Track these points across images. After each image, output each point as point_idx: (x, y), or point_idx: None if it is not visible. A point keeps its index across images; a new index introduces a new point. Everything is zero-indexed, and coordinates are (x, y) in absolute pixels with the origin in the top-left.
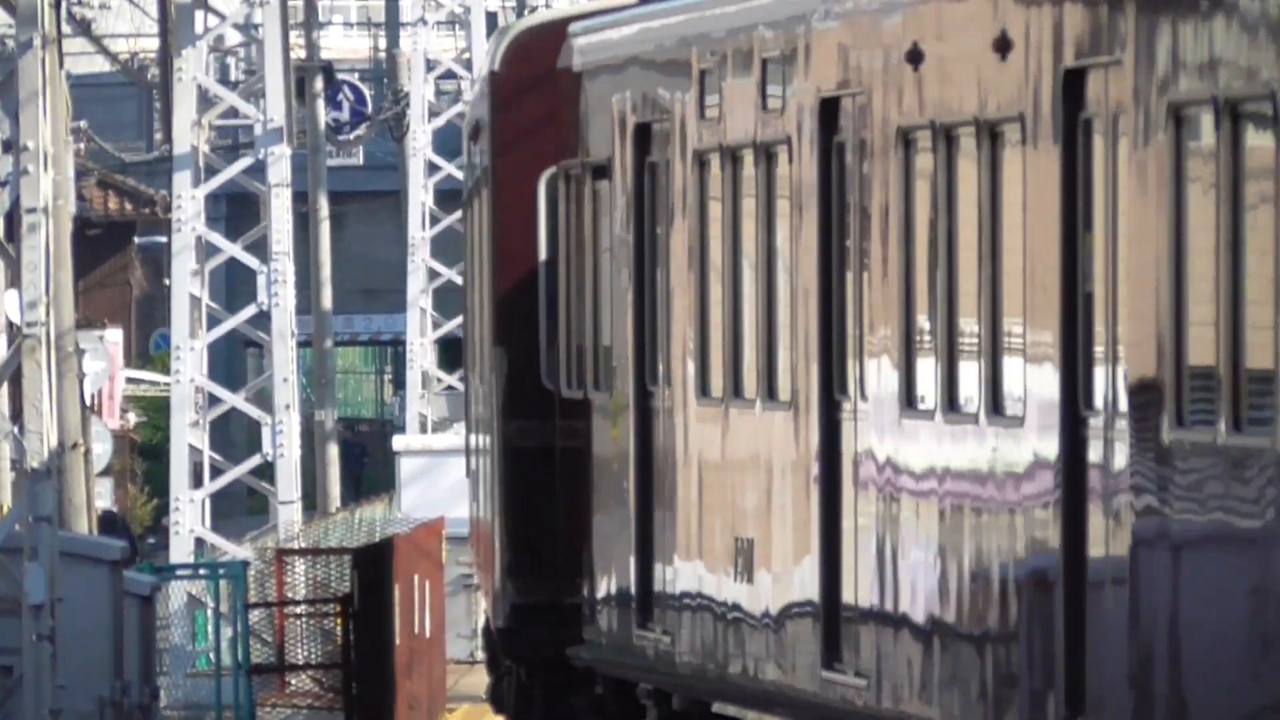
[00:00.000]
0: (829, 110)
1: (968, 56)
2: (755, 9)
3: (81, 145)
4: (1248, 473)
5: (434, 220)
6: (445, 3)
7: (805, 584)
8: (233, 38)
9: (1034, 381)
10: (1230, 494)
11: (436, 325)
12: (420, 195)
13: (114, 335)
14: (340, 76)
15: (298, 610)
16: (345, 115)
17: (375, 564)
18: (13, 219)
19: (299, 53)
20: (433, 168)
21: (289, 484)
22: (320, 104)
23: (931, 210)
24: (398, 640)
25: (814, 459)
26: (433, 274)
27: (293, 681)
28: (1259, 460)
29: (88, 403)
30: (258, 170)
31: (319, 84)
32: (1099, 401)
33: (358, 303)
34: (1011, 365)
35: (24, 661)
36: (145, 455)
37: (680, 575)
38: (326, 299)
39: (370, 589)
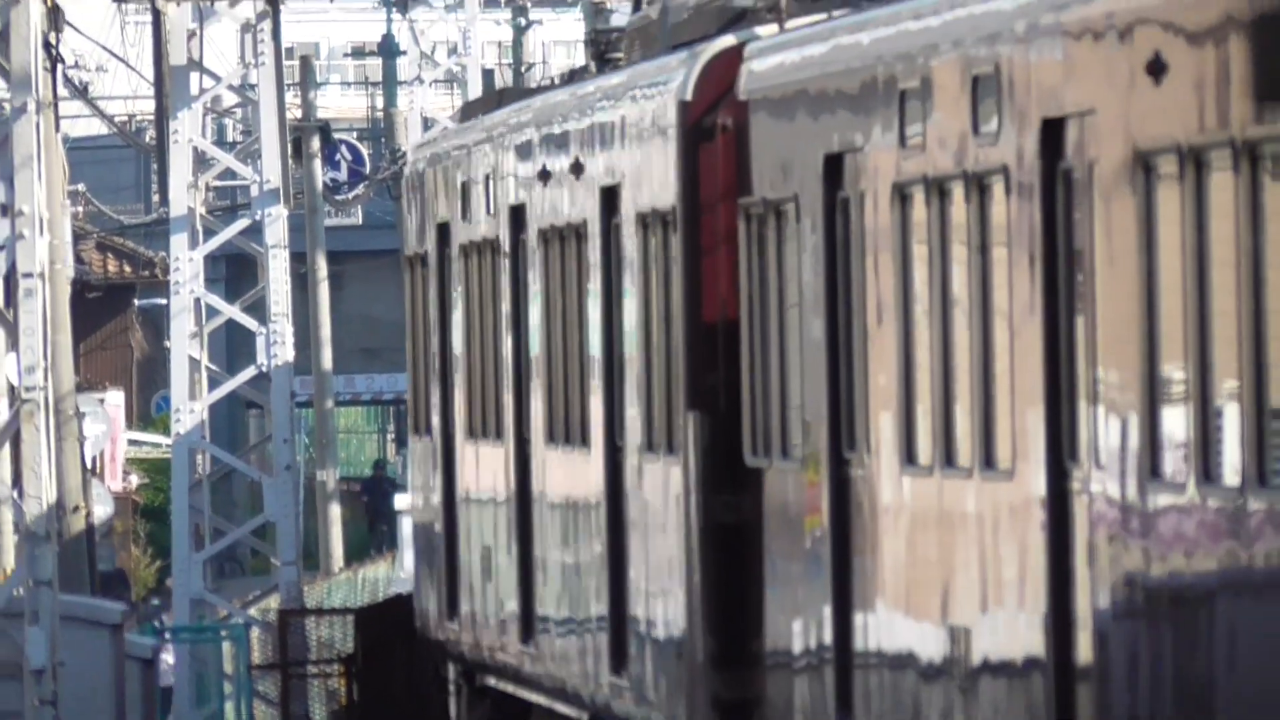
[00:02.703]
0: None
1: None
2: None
3: (79, 208)
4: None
5: None
6: (441, 61)
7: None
8: (229, 99)
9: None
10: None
11: None
12: None
13: (115, 397)
14: (337, 136)
15: (302, 671)
16: (343, 175)
17: (379, 623)
18: (10, 284)
19: (295, 113)
20: None
21: (290, 545)
22: (317, 164)
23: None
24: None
25: None
26: None
27: None
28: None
29: (89, 465)
30: (255, 231)
31: (315, 144)
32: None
33: (358, 362)
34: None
35: None
36: (147, 517)
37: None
38: (326, 359)
39: (374, 648)
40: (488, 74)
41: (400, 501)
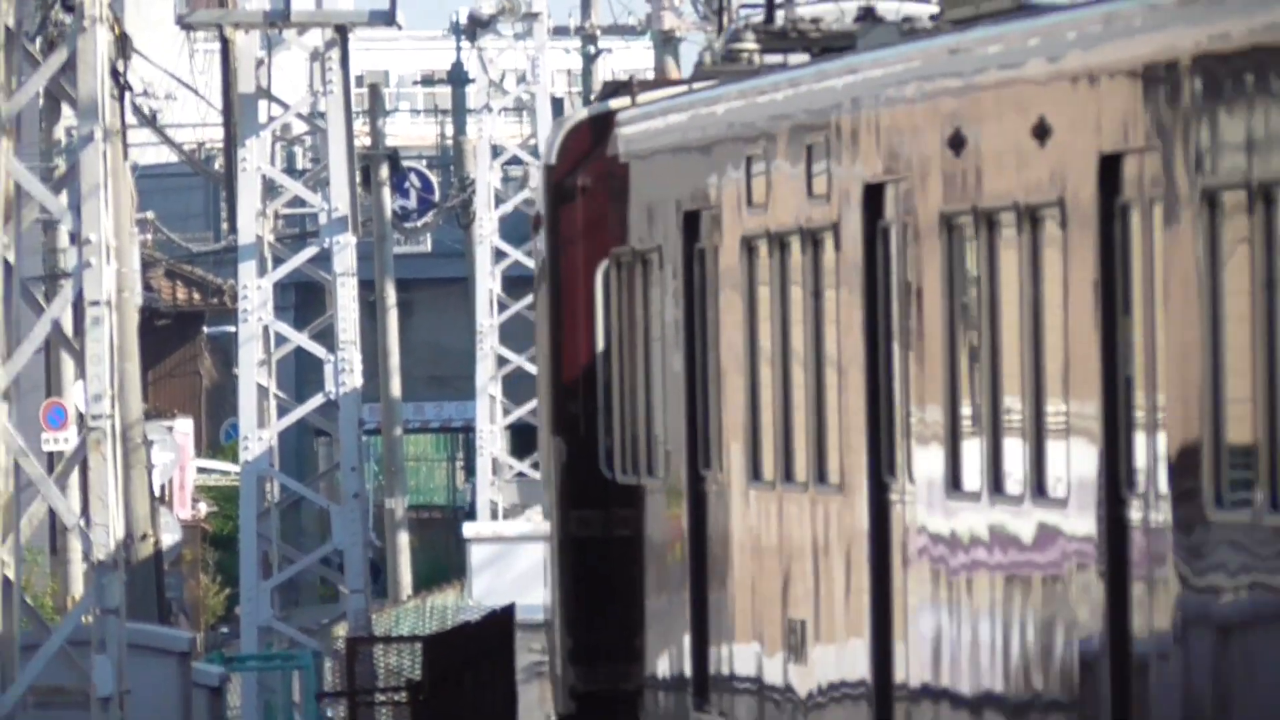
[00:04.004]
0: None
1: None
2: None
3: (149, 236)
4: None
5: (502, 307)
6: (510, 90)
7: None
8: (299, 126)
9: None
10: None
11: (506, 412)
12: (488, 282)
13: (184, 425)
14: (407, 164)
15: (370, 699)
16: (412, 202)
17: (447, 651)
18: (77, 312)
19: (365, 140)
20: (500, 254)
21: (357, 573)
22: (386, 192)
23: None
24: None
25: None
26: (501, 360)
27: None
28: None
29: (157, 493)
30: (324, 259)
31: (384, 172)
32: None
33: (428, 390)
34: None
35: None
36: (217, 545)
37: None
38: (395, 387)
39: (442, 676)
40: (557, 102)
41: (469, 530)
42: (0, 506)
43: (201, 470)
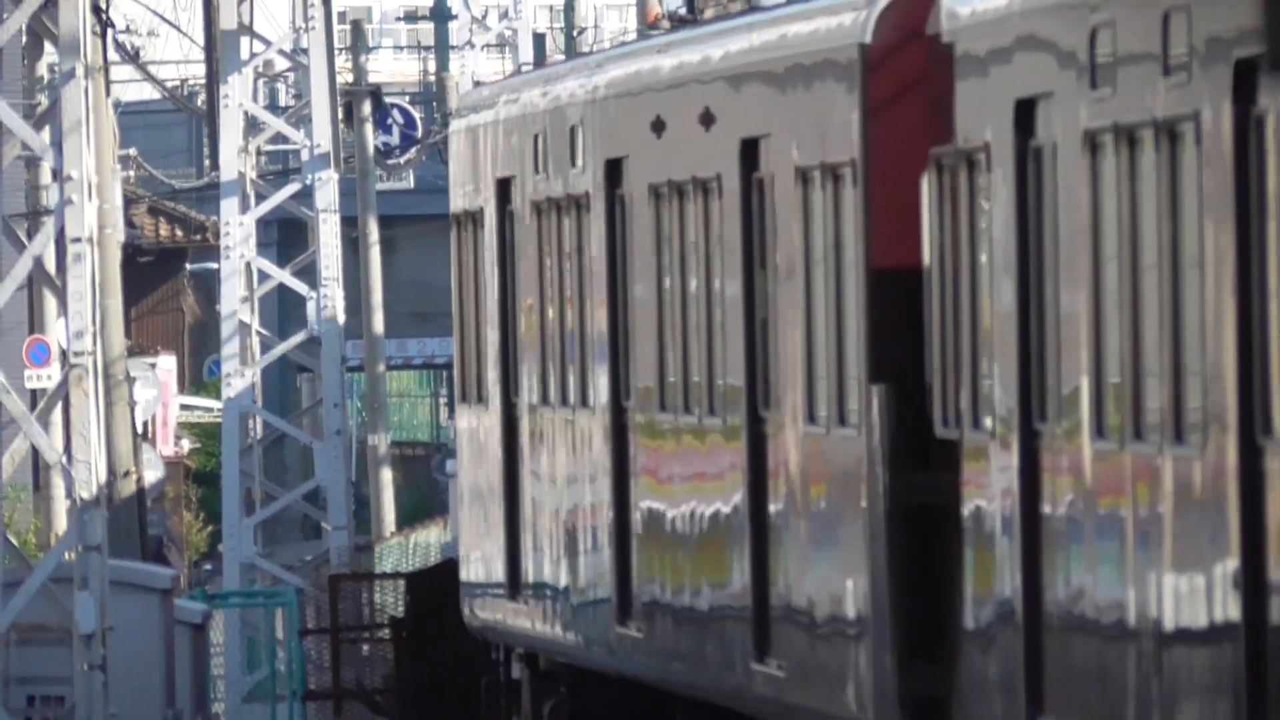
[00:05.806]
0: None
1: None
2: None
3: (131, 172)
4: None
5: None
6: (493, 26)
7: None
8: (281, 63)
9: None
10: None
11: None
12: None
13: (167, 362)
14: (390, 100)
15: (353, 635)
16: (395, 139)
17: (430, 588)
18: (59, 249)
19: (347, 77)
20: None
21: (340, 510)
22: (368, 128)
23: None
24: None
25: None
26: None
27: (349, 707)
28: None
29: (140, 430)
30: (306, 195)
31: (367, 108)
32: None
33: (410, 326)
34: None
35: (75, 691)
36: (200, 481)
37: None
38: (378, 323)
39: (425, 612)
40: (539, 38)
41: (451, 466)
42: None
43: (184, 407)
